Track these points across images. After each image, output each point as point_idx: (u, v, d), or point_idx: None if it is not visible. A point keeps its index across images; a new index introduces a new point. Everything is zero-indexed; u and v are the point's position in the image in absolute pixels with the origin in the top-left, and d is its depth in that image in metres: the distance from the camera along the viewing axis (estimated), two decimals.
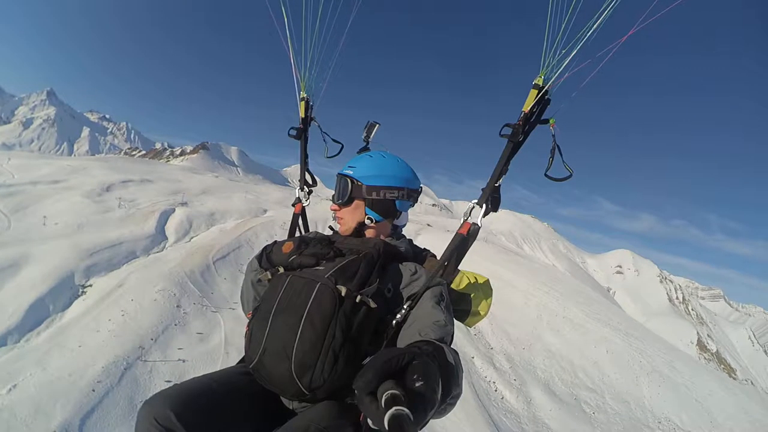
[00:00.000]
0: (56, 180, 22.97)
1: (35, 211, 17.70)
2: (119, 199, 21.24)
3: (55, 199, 19.49)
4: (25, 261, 13.21)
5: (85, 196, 20.59)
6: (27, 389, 8.28)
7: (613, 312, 20.38)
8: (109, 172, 26.62)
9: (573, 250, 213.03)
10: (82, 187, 21.98)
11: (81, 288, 12.83)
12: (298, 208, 2.80)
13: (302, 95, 2.89)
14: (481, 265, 20.00)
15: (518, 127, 2.01)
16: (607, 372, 14.18)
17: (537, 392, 12.58)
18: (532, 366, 13.84)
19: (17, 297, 11.53)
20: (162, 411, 1.63)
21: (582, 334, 15.98)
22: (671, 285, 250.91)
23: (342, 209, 2.26)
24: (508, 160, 2.08)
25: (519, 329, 15.43)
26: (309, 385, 1.69)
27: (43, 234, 15.78)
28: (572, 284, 24.03)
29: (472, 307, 2.20)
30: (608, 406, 12.56)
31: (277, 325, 1.81)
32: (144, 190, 24.43)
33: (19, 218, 16.74)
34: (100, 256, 14.49)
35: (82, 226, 17.05)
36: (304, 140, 2.92)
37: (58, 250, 14.28)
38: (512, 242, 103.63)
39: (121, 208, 20.03)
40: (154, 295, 12.26)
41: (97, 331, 10.51)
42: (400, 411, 0.94)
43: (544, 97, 2.03)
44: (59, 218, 17.40)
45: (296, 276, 1.91)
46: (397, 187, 2.23)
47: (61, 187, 21.68)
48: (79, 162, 29.03)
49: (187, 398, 1.71)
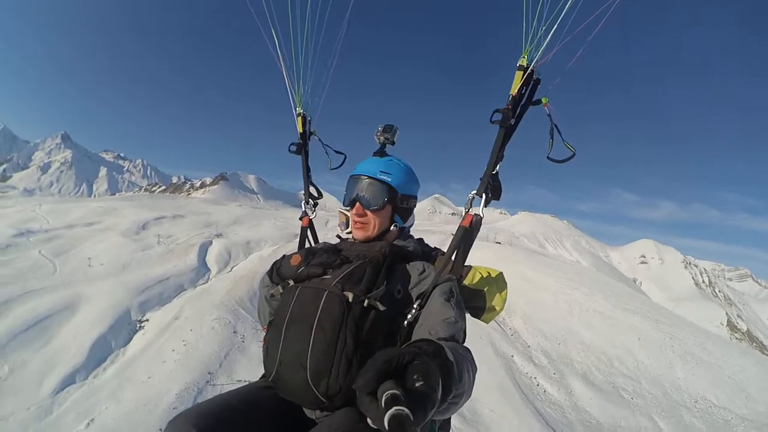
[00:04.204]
0: (90, 222, 23.52)
1: (77, 254, 18.14)
2: (158, 236, 21.88)
3: (95, 240, 20.01)
4: (79, 302, 13.65)
5: (124, 235, 21.19)
6: (105, 422, 8.62)
7: (640, 301, 20.55)
8: (140, 210, 27.30)
9: (595, 244, 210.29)
10: (118, 227, 22.59)
11: (138, 323, 13.36)
12: (305, 221, 2.84)
13: (298, 111, 2.94)
14: (508, 268, 20.39)
15: (508, 111, 2.02)
16: (641, 358, 14.46)
17: (576, 383, 12.91)
18: (569, 359, 14.18)
19: (78, 337, 11.93)
20: (185, 428, 1.68)
21: (612, 325, 16.26)
22: (696, 269, 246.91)
23: (369, 214, 2.23)
24: (503, 147, 2.07)
25: (552, 326, 15.80)
26: (326, 392, 1.71)
27: (90, 275, 16.24)
28: (598, 278, 24.20)
29: (487, 303, 2.19)
30: (645, 391, 12.87)
31: (290, 336, 1.84)
32: (178, 225, 25.09)
33: (63, 262, 17.14)
34: (152, 292, 15.10)
35: (127, 265, 17.63)
36: (304, 155, 2.98)
37: (110, 289, 14.79)
38: (535, 243, 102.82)
39: (160, 245, 20.66)
40: (211, 323, 12.76)
41: (163, 362, 10.94)
42: (400, 411, 0.94)
43: (531, 77, 2.02)
44: (103, 259, 17.89)
45: (305, 287, 1.94)
46: (415, 196, 2.35)
47: (98, 229, 22.25)
48: (108, 203, 29.53)
49: (208, 415, 1.75)
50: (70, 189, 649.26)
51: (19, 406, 9.14)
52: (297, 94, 2.88)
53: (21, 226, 20.58)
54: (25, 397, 9.48)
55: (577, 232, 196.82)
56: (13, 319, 12.01)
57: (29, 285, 14.29)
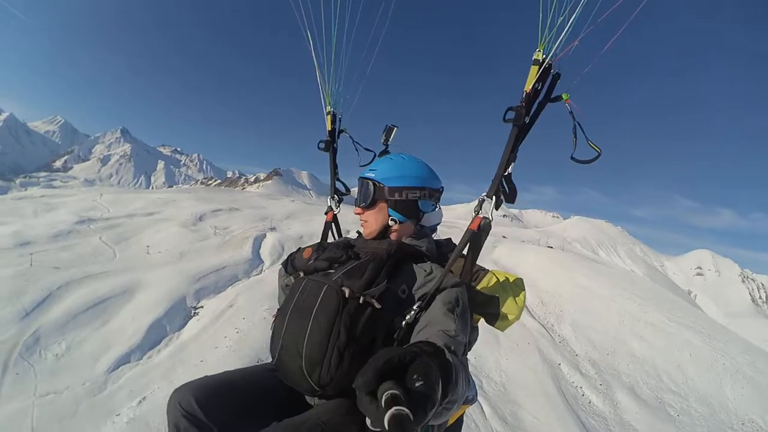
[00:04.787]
0: (150, 212, 24.48)
1: (137, 242, 18.98)
2: (214, 228, 22.58)
3: (155, 229, 20.86)
4: (137, 287, 14.32)
5: (182, 225, 21.99)
6: (156, 401, 9.08)
7: (694, 315, 19.83)
8: (197, 202, 28.23)
9: (650, 253, 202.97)
10: (176, 218, 23.46)
11: (193, 309, 13.87)
12: (330, 216, 2.87)
13: (328, 109, 2.94)
14: (558, 273, 20.15)
15: (521, 109, 1.92)
16: (690, 375, 14.01)
17: (622, 396, 12.63)
18: (616, 371, 13.89)
19: (135, 319, 12.52)
20: (186, 397, 1.78)
21: (664, 338, 15.79)
22: (754, 284, 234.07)
23: (366, 212, 2.27)
24: (515, 147, 1.97)
25: (602, 335, 15.48)
26: (318, 382, 1.75)
27: (148, 262, 16.96)
28: (652, 288, 23.44)
29: (500, 310, 2.10)
30: (692, 409, 12.48)
31: (291, 324, 1.89)
32: (234, 218, 25.79)
33: (123, 249, 17.96)
34: (207, 281, 15.64)
35: (185, 254, 18.33)
36: (332, 152, 2.98)
37: (167, 276, 15.43)
38: (588, 249, 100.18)
39: (217, 236, 21.30)
40: (263, 313, 13.13)
41: (215, 347, 11.41)
42: (400, 411, 0.94)
43: (548, 72, 1.91)
44: (161, 247, 18.67)
45: (311, 279, 1.99)
46: (418, 187, 2.24)
47: (157, 219, 23.16)
48: (168, 195, 30.75)
49: (209, 387, 1.85)
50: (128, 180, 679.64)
51: (74, 382, 9.63)
52: (327, 92, 2.89)
53: (83, 214, 21.59)
54: (81, 374, 9.97)
55: (632, 239, 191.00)
56: (74, 300, 12.62)
57: (90, 269, 15.01)
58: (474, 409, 9.79)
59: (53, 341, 10.85)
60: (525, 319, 14.57)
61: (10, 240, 16.47)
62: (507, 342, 13.26)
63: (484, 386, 11.06)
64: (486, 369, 11.91)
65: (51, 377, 9.62)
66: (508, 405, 10.72)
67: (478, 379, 11.10)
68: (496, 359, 12.46)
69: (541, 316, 16.05)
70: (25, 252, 15.33)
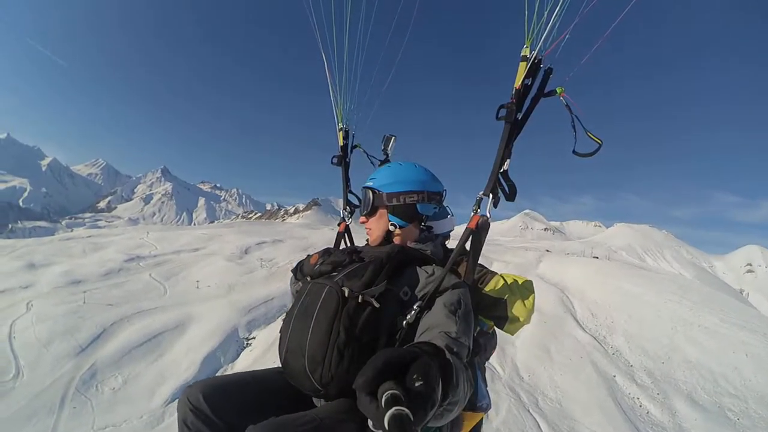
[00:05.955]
0: (196, 248, 24.99)
1: (186, 277, 19.36)
2: (260, 260, 22.98)
3: (202, 264, 21.27)
4: (189, 320, 14.64)
5: (228, 259, 22.42)
6: None
7: (749, 314, 19.17)
8: (241, 236, 28.76)
9: (697, 254, 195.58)
10: (222, 252, 23.92)
11: (245, 341, 14.13)
12: (342, 226, 2.99)
13: (340, 126, 3.05)
14: (606, 283, 19.82)
15: (512, 105, 1.94)
16: (748, 376, 13.57)
17: (680, 404, 12.35)
18: (673, 379, 13.58)
19: (189, 352, 12.76)
20: (195, 393, 1.87)
21: (719, 341, 15.35)
22: None
23: (369, 220, 2.38)
24: (509, 144, 1.98)
25: (655, 343, 15.15)
26: (320, 381, 1.79)
27: (199, 296, 17.29)
28: (703, 291, 22.76)
29: (509, 313, 2.12)
30: (752, 410, 12.10)
31: (296, 325, 1.95)
32: (278, 249, 26.14)
33: (173, 284, 18.31)
34: (257, 312, 15.95)
35: (233, 287, 18.65)
36: (345, 167, 3.08)
37: (218, 309, 15.76)
38: (633, 256, 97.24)
39: (263, 268, 21.68)
40: None
41: None
42: (400, 411, 0.94)
43: (537, 67, 1.92)
44: (210, 281, 19.01)
45: (315, 282, 2.05)
46: (416, 191, 2.30)
47: (203, 254, 23.62)
48: (211, 230, 31.28)
49: (218, 385, 1.93)
50: (171, 218, 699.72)
51: (132, 415, 9.88)
52: (339, 109, 3.00)
53: (131, 252, 22.11)
54: (138, 407, 10.21)
55: (678, 242, 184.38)
56: (128, 336, 12.96)
57: (142, 305, 15.39)
58: (531, 428, 9.78)
59: (109, 375, 11.18)
60: (577, 332, 14.39)
61: (61, 279, 16.95)
62: (559, 357, 13.15)
63: (539, 404, 10.99)
64: (541, 386, 11.85)
65: (108, 411, 9.90)
66: (566, 421, 10.64)
67: (533, 396, 11.06)
68: (550, 375, 12.36)
69: (593, 328, 15.83)
70: (77, 290, 15.84)
